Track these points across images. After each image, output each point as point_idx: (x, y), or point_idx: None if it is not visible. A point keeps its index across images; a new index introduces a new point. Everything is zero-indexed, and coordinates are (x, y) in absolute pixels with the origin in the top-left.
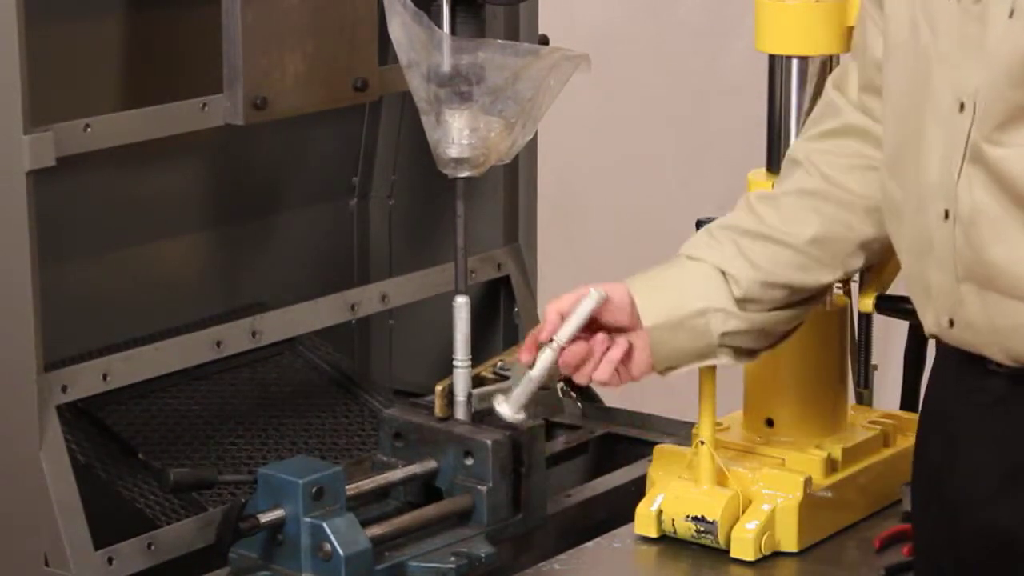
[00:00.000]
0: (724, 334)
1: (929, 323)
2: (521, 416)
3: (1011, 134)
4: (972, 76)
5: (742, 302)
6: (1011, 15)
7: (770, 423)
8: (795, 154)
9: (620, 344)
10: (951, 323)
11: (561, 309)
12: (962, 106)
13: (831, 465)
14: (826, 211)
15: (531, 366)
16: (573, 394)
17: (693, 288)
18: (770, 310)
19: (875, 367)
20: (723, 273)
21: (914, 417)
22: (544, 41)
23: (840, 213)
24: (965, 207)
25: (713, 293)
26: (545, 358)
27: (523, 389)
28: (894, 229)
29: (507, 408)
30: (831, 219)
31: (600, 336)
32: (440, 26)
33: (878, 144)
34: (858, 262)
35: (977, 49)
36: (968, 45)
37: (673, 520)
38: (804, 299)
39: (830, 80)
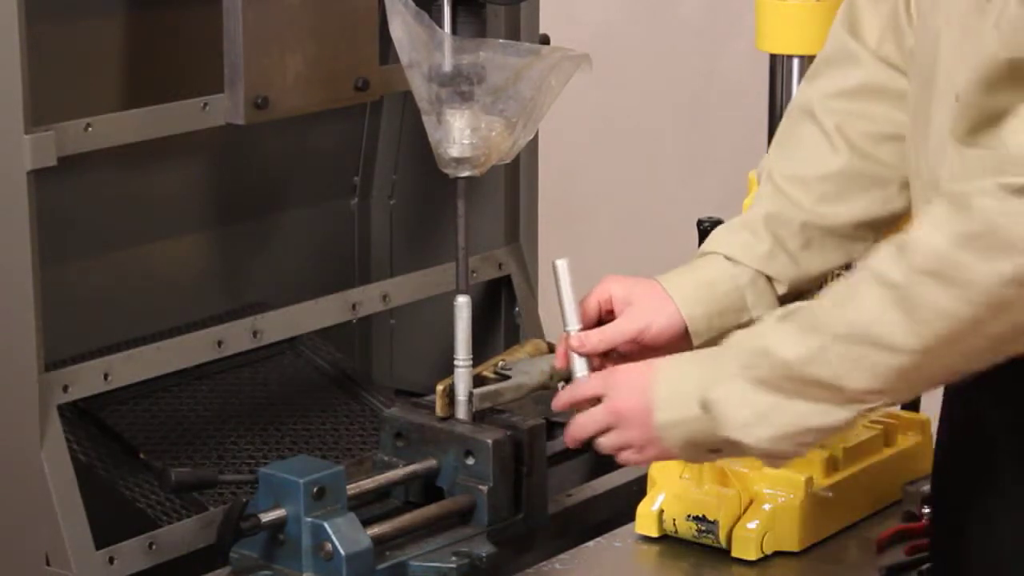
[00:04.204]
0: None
1: None
2: None
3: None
4: (963, 69)
5: (786, 298)
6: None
7: None
8: (812, 108)
9: None
10: None
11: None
12: (957, 97)
13: (832, 464)
14: (864, 192)
15: (570, 374)
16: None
17: (739, 301)
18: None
19: None
20: (767, 277)
21: (915, 416)
22: (545, 41)
23: (876, 191)
24: None
25: (759, 301)
26: (573, 356)
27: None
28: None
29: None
30: (869, 199)
31: None
32: (441, 26)
33: (903, 103)
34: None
35: (976, 38)
36: (968, 34)
37: (674, 520)
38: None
39: (840, 22)
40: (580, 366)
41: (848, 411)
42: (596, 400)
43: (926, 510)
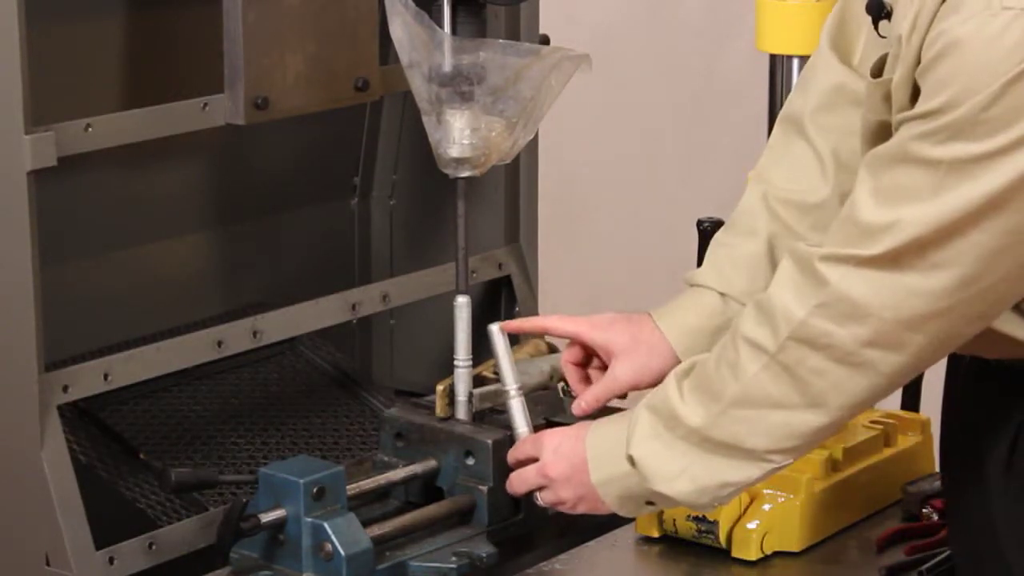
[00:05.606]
0: None
1: None
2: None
3: None
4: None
5: None
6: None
7: None
8: (803, 123)
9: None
10: None
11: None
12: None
13: (832, 465)
14: None
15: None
16: (574, 394)
17: None
18: None
19: None
20: None
21: (915, 416)
22: (545, 41)
23: None
24: None
25: None
26: (513, 408)
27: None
28: None
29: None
30: None
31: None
32: (441, 26)
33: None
34: None
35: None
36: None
37: (674, 520)
38: None
39: (826, 33)
40: (520, 422)
41: (759, 469)
42: (535, 459)
43: (926, 510)
